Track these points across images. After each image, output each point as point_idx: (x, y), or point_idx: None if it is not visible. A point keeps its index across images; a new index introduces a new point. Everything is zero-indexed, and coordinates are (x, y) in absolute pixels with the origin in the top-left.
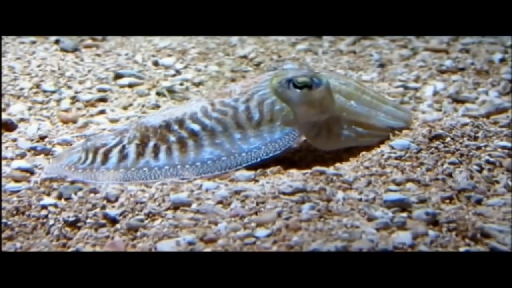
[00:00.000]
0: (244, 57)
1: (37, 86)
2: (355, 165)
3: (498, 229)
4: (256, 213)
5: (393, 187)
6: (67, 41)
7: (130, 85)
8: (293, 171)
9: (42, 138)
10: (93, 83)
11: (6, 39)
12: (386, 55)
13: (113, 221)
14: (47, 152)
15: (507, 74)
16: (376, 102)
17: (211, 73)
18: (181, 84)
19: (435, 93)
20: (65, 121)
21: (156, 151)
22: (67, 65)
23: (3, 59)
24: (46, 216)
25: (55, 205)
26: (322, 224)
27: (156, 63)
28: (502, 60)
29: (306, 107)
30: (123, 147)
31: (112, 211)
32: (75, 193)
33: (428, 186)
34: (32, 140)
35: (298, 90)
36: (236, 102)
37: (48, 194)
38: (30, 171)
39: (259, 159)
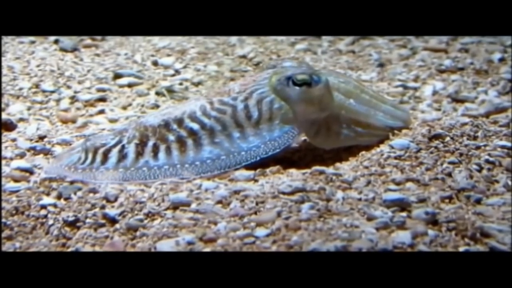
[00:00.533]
0: (243, 56)
1: (37, 86)
2: (355, 165)
3: (497, 228)
4: (255, 213)
5: (392, 186)
6: (66, 40)
7: (130, 85)
8: (293, 171)
9: (41, 138)
10: (92, 83)
11: (5, 39)
12: (385, 54)
13: (113, 221)
14: (46, 152)
15: (507, 73)
16: (375, 101)
17: (210, 72)
18: (181, 84)
19: (435, 92)
20: (64, 121)
21: (155, 150)
22: (66, 65)
23: (2, 58)
24: (45, 216)
25: (55, 205)
26: (321, 224)
27: (155, 63)
28: (501, 60)
29: (305, 104)
30: (123, 146)
31: (112, 211)
32: (75, 193)
33: (427, 185)
34: (31, 140)
35: (297, 88)
36: (235, 101)
37: (48, 194)
38: (30, 171)
39: (258, 158)
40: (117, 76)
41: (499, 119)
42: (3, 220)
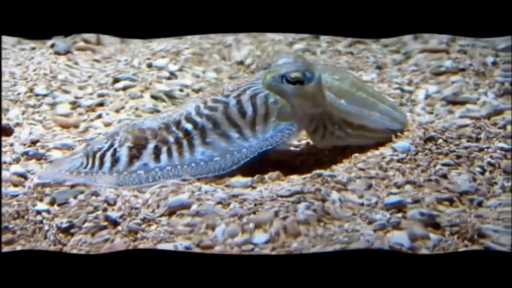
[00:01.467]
0: (241, 63)
1: (31, 90)
2: (348, 166)
3: (493, 229)
4: (254, 213)
5: (394, 190)
6: (61, 44)
7: (124, 88)
8: (294, 177)
9: (33, 142)
10: (94, 88)
11: (7, 45)
12: (383, 55)
13: (114, 222)
14: (39, 157)
15: (500, 76)
16: (372, 101)
17: (210, 80)
18: (181, 91)
19: (432, 93)
20: (64, 126)
21: (157, 153)
22: (59, 68)
23: (5, 65)
24: (41, 221)
25: (48, 211)
26: (322, 230)
27: (149, 65)
28: (494, 64)
29: (300, 99)
30: (115, 150)
31: (113, 214)
32: (68, 198)
33: (422, 187)
34: (24, 144)
35: (291, 85)
36: (227, 98)
37: (41, 200)
38: (24, 176)
39: (253, 158)
40: (116, 80)
41: (496, 121)
42: (6, 223)
